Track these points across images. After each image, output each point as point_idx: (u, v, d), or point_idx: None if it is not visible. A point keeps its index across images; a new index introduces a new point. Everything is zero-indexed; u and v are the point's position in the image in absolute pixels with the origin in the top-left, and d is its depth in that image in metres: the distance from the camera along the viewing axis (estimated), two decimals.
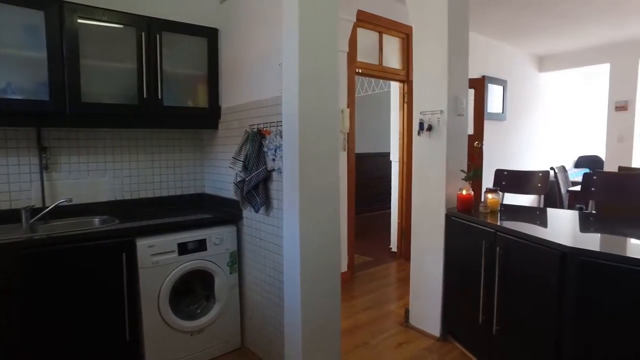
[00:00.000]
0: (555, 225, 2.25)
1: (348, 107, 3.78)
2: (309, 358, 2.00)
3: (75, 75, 2.12)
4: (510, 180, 3.05)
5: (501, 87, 5.77)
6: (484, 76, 5.39)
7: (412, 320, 2.90)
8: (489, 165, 5.40)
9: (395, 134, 4.55)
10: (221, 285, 2.44)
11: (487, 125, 5.52)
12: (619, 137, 5.89)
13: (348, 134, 3.80)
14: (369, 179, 6.40)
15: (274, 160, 2.14)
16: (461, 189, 2.49)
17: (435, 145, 2.62)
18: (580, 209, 4.93)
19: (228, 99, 2.63)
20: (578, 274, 1.67)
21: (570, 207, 4.28)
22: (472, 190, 2.53)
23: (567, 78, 7.50)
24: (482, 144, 4.14)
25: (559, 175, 4.86)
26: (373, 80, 4.86)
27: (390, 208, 4.77)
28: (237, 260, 2.51)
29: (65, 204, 2.29)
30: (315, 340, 2.02)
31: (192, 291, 2.47)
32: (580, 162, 7.90)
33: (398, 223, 4.60)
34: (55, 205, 2.28)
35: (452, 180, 2.59)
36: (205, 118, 2.68)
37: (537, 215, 2.53)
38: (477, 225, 2.28)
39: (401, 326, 2.93)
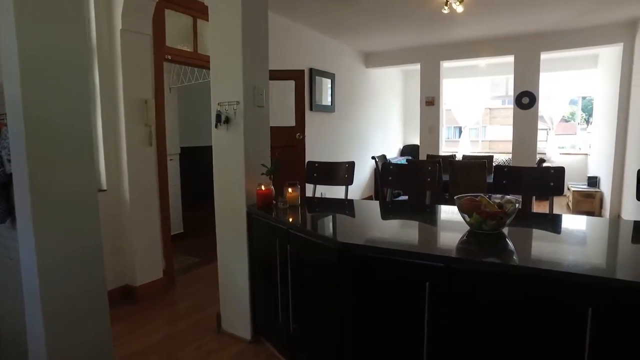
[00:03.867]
0: (349, 218, 2.29)
1: (156, 97, 3.38)
2: None
3: None
4: (321, 172, 3.08)
5: (329, 80, 5.98)
6: (310, 68, 5.50)
7: (225, 325, 2.72)
8: (319, 156, 5.57)
9: None
10: None
11: (316, 117, 5.67)
12: (429, 128, 6.68)
13: (157, 127, 3.41)
14: (201, 174, 6.02)
15: (9, 161, 1.69)
16: (260, 185, 2.37)
17: (233, 139, 2.45)
18: (398, 195, 5.43)
19: None
20: (351, 268, 1.67)
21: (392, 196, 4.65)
22: (273, 185, 2.44)
23: (390, 74, 8.25)
24: (303, 136, 4.18)
25: (379, 165, 5.24)
26: (196, 69, 4.53)
27: None
28: None
29: None
30: None
31: None
32: (404, 151, 8.82)
33: None
34: None
35: (253, 175, 2.46)
36: None
37: (337, 208, 2.57)
38: (272, 223, 2.19)
39: (214, 333, 2.73)
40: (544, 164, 4.52)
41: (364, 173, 7.25)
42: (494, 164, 5.48)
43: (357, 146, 6.93)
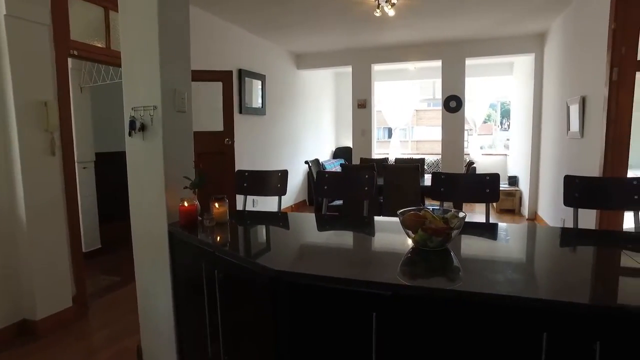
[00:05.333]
0: (282, 237, 2.10)
1: (60, 98, 2.94)
2: None
3: None
4: (251, 181, 2.85)
5: (260, 82, 5.74)
6: (239, 69, 5.23)
7: (147, 359, 2.39)
8: (250, 161, 5.31)
9: None
10: None
11: (246, 120, 5.41)
12: (361, 131, 6.69)
13: (63, 133, 2.97)
14: (120, 181, 5.48)
15: None
16: (183, 200, 2.10)
17: (150, 149, 2.14)
18: (333, 199, 5.33)
19: None
20: (288, 298, 1.48)
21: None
22: (198, 200, 2.17)
23: (322, 76, 8.18)
24: (233, 141, 3.91)
25: (313, 169, 5.10)
26: (111, 68, 4.06)
27: None
28: None
29: None
30: None
31: None
32: (337, 153, 8.81)
33: None
34: None
35: (175, 190, 2.17)
36: None
37: (270, 224, 2.37)
38: (197, 244, 1.93)
39: None
40: (473, 166, 4.68)
41: (297, 177, 7.09)
42: (425, 166, 5.60)
43: (289, 149, 6.75)
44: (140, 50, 2.13)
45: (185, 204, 2.10)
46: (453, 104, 6.16)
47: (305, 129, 7.42)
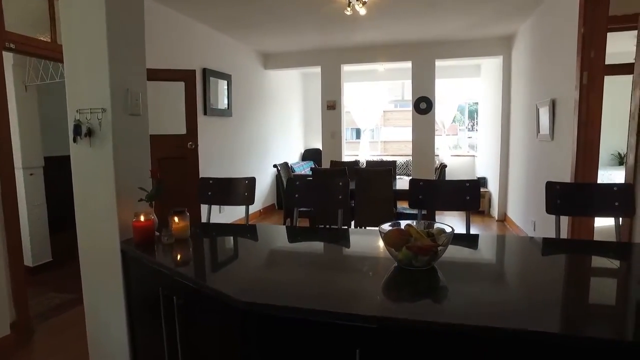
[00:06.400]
0: (250, 256, 1.90)
1: None
2: None
3: None
4: (216, 190, 2.63)
5: (226, 82, 5.48)
6: (204, 68, 4.96)
7: None
8: (216, 165, 5.06)
9: None
10: None
11: (212, 122, 5.15)
12: (331, 133, 6.54)
13: None
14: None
15: None
16: (138, 215, 1.86)
17: (99, 157, 1.89)
18: (308, 212, 5.14)
19: None
20: (259, 332, 1.28)
21: None
22: (155, 214, 1.94)
23: (291, 76, 7.98)
24: (196, 145, 3.65)
25: (282, 174, 4.90)
26: (61, 64, 3.72)
27: None
28: None
29: None
30: None
31: None
32: (306, 155, 8.63)
33: None
34: None
35: (128, 203, 1.93)
36: None
37: (236, 240, 2.16)
38: (152, 266, 1.70)
39: None
40: (445, 169, 4.61)
41: (265, 179, 6.86)
42: (396, 169, 5.52)
43: (257, 152, 6.51)
44: (85, 44, 1.87)
45: (141, 218, 1.86)
46: (423, 105, 6.12)
47: (274, 130, 7.20)
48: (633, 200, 2.02)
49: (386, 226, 1.55)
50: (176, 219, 1.92)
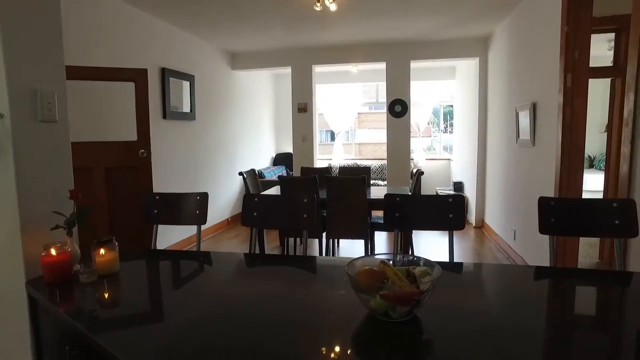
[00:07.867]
0: (196, 304, 1.54)
1: None
2: None
3: None
4: (163, 207, 2.26)
5: (188, 83, 5.08)
6: (162, 68, 4.55)
7: None
8: (176, 175, 4.65)
9: None
10: None
11: (172, 126, 4.74)
12: (302, 137, 6.21)
13: None
14: None
15: None
16: (48, 247, 1.48)
17: None
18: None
19: None
20: None
21: None
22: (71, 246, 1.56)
23: (260, 77, 7.61)
24: (148, 153, 3.25)
25: (248, 181, 4.54)
26: None
27: None
28: None
29: None
30: None
31: None
32: (278, 159, 8.27)
33: None
34: None
35: (37, 232, 1.55)
36: None
37: (182, 273, 1.80)
38: (61, 316, 1.33)
39: None
40: (421, 175, 4.35)
41: (234, 187, 6.46)
42: (370, 174, 5.24)
43: (224, 158, 6.12)
44: None
45: (52, 252, 1.48)
46: (398, 108, 5.87)
47: (243, 134, 6.81)
48: (636, 218, 1.78)
49: (356, 262, 1.24)
50: (102, 251, 1.55)
